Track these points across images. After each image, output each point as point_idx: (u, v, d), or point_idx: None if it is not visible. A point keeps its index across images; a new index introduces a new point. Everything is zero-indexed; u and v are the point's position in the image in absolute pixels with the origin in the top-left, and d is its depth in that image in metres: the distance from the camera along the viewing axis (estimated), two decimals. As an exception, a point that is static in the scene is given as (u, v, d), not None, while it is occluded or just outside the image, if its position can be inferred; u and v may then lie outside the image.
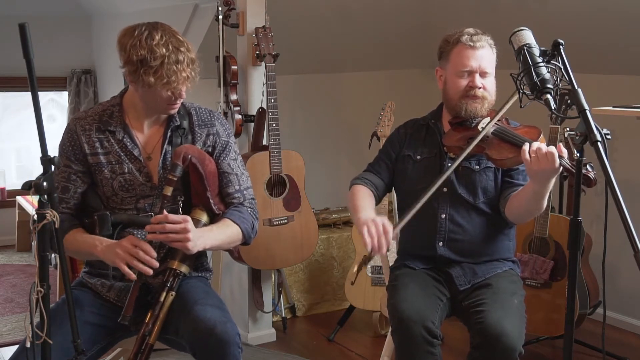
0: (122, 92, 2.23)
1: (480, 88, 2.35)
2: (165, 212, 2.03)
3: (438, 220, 2.40)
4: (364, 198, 2.42)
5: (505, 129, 2.30)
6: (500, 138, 2.28)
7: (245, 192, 2.27)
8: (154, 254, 2.03)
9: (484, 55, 2.35)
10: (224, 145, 2.26)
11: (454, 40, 2.38)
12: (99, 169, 2.17)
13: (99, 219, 2.08)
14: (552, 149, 2.06)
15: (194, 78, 2.09)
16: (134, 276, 2.01)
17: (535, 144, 2.10)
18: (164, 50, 2.01)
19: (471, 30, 2.37)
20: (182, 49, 2.04)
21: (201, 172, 2.14)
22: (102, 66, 5.55)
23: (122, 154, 2.17)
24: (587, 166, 2.02)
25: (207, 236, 2.10)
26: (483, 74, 2.35)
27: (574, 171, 2.04)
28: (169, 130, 2.20)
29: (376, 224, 2.16)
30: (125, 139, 2.17)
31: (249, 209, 2.25)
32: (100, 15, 5.54)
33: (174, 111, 2.17)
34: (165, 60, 2.00)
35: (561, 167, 2.08)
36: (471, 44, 2.34)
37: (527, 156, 2.10)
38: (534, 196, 2.21)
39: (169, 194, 2.08)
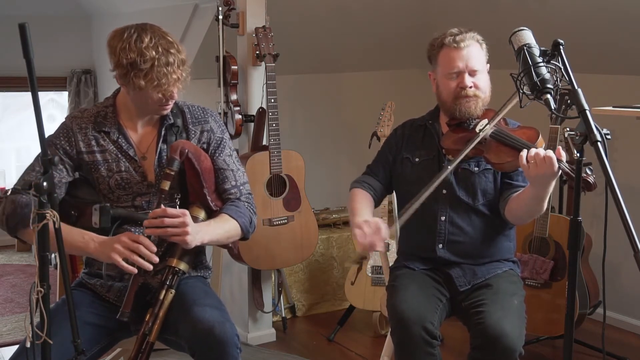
0: (115, 92, 2.24)
1: (470, 87, 2.34)
2: (162, 206, 2.03)
3: (437, 223, 2.40)
4: (362, 201, 2.44)
5: (503, 131, 2.28)
6: (499, 141, 2.26)
7: (241, 187, 2.27)
8: (154, 248, 2.03)
9: (470, 54, 2.33)
10: (219, 142, 2.26)
11: (438, 43, 2.38)
12: (95, 167, 2.17)
13: (100, 210, 2.07)
14: (550, 153, 2.05)
15: (185, 79, 2.09)
16: (134, 270, 2.01)
17: (533, 150, 2.09)
18: (154, 52, 2.00)
19: (455, 30, 2.36)
20: (172, 50, 2.04)
21: (197, 168, 2.14)
22: (102, 66, 5.54)
23: (117, 153, 2.17)
24: (587, 169, 2.00)
25: (205, 231, 2.10)
26: (472, 73, 2.34)
27: (573, 175, 2.04)
28: (163, 129, 2.20)
29: (368, 224, 2.20)
30: (120, 140, 2.17)
31: (246, 204, 2.25)
32: (100, 15, 5.54)
33: (166, 112, 2.17)
34: (156, 63, 2.00)
35: (560, 171, 2.07)
36: (455, 45, 2.33)
37: (525, 162, 2.09)
38: (534, 199, 2.20)
39: (167, 188, 2.08)
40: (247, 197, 2.27)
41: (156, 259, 2.03)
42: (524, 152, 2.11)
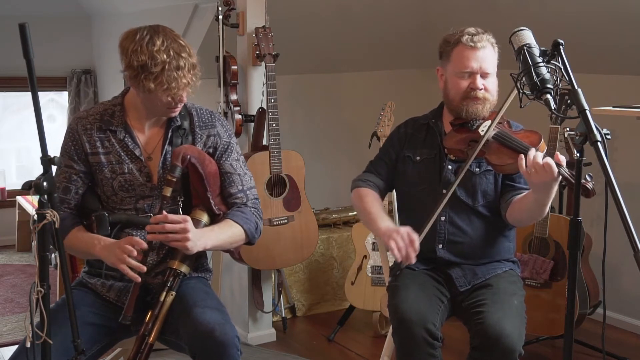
0: (124, 91, 2.23)
1: (481, 89, 2.33)
2: (164, 212, 2.04)
3: (437, 223, 2.39)
4: (374, 202, 2.43)
5: (505, 133, 2.28)
6: (501, 142, 2.26)
7: (248, 192, 2.26)
8: (145, 245, 2.03)
9: (485, 56, 2.33)
10: (226, 146, 2.26)
11: (455, 40, 2.35)
12: (99, 168, 2.17)
13: (97, 219, 2.08)
14: (549, 160, 2.05)
15: (195, 83, 2.09)
16: (138, 279, 2.02)
17: (532, 156, 2.08)
18: (165, 56, 2.00)
19: (472, 30, 2.35)
20: (183, 54, 2.04)
21: (201, 172, 2.14)
22: (102, 66, 5.55)
23: (122, 153, 2.17)
24: (587, 176, 2.00)
25: (207, 236, 2.10)
26: (484, 75, 2.33)
27: (573, 181, 2.03)
28: (170, 131, 2.20)
29: (402, 235, 2.18)
30: (126, 139, 2.17)
31: (252, 209, 2.24)
32: (100, 16, 5.54)
33: (174, 114, 2.17)
34: (166, 67, 2.00)
35: (560, 176, 2.07)
36: (472, 44, 2.31)
37: (524, 169, 2.09)
38: (536, 203, 2.20)
39: (169, 194, 2.09)
40: (253, 202, 2.27)
41: (143, 269, 2.02)
42: (521, 160, 2.10)
